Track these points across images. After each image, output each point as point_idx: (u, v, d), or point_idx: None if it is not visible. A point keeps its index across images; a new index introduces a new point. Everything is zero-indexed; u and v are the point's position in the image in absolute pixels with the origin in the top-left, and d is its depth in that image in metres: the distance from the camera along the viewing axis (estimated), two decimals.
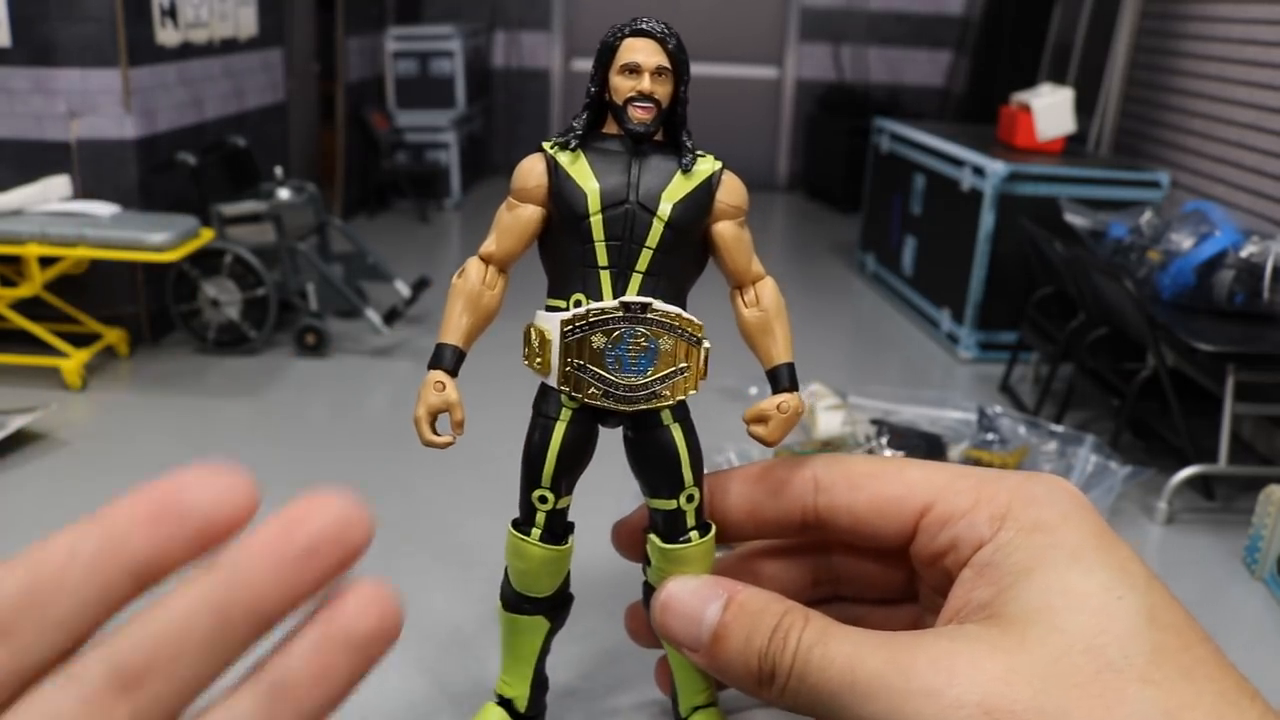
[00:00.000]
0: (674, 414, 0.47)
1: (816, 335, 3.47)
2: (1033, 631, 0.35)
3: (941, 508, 0.42)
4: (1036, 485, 0.41)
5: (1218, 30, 3.21)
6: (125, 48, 2.86)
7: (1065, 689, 0.34)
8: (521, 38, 6.04)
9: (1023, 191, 3.13)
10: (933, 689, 0.35)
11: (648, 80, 0.43)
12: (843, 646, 0.37)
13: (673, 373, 0.44)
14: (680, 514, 0.47)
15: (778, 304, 0.47)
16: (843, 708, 0.37)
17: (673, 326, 0.44)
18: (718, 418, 0.48)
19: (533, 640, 0.48)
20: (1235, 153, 3.06)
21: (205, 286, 2.95)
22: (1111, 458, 2.28)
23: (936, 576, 0.43)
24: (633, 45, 0.43)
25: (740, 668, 0.39)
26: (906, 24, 5.96)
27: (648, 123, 0.43)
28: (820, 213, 5.64)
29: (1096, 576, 0.37)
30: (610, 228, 0.43)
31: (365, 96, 5.02)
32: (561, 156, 0.44)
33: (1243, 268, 2.30)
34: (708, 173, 0.44)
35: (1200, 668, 0.34)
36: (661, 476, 0.47)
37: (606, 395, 0.43)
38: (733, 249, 0.46)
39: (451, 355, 0.45)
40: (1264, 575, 1.95)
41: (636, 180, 0.43)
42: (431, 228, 4.85)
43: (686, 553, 0.47)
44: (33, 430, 2.34)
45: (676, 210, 0.43)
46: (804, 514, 0.45)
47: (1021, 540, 0.39)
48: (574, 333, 0.43)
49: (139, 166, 2.97)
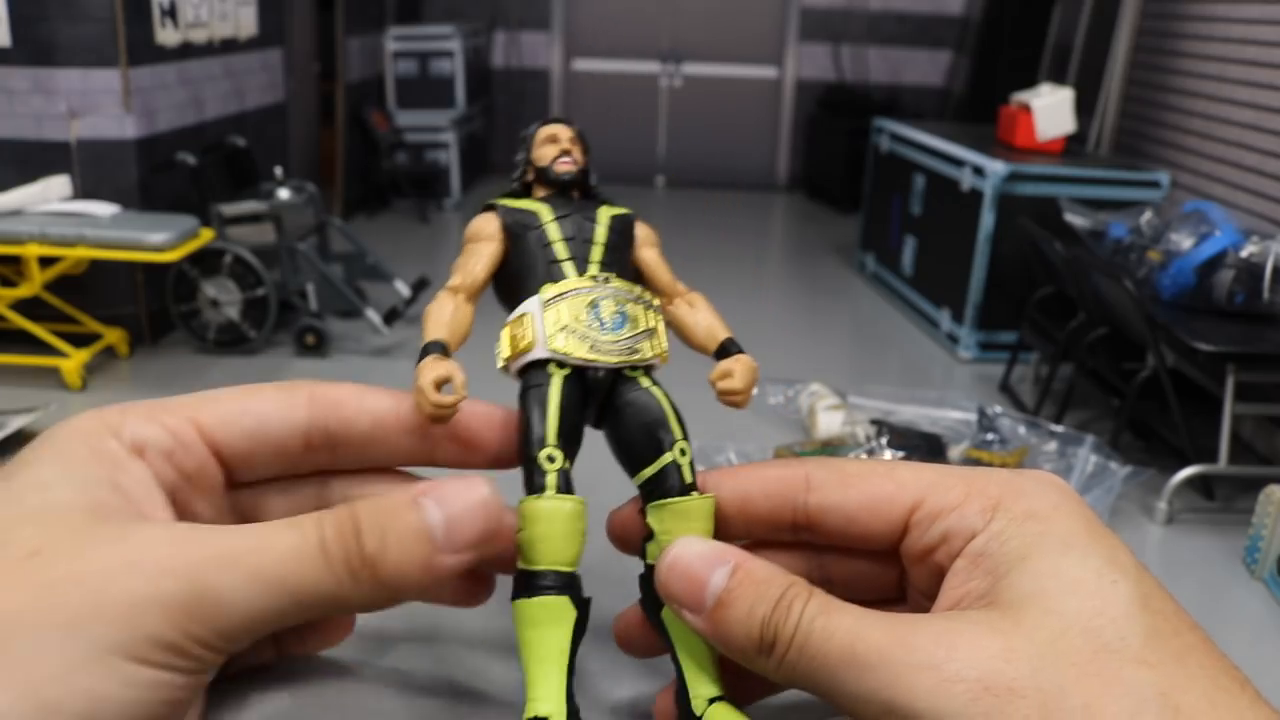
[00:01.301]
0: (650, 379, 0.48)
1: (816, 335, 3.47)
2: (1029, 614, 0.36)
3: (932, 503, 0.42)
4: (1025, 479, 0.42)
5: (1218, 30, 3.21)
6: (125, 48, 2.86)
7: (1063, 667, 0.34)
8: (521, 38, 6.04)
9: (1023, 191, 3.13)
10: (933, 662, 0.35)
11: (566, 143, 0.49)
12: (845, 620, 0.38)
13: (644, 332, 0.46)
14: (676, 468, 0.47)
15: (710, 304, 0.50)
16: (841, 680, 0.37)
17: (635, 296, 0.46)
18: (720, 421, 0.48)
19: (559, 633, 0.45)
20: (1235, 153, 3.06)
21: (205, 286, 2.95)
22: (1111, 458, 2.28)
23: (927, 575, 0.43)
24: (550, 128, 0.50)
25: (742, 635, 0.40)
26: (906, 24, 5.96)
27: (572, 172, 0.49)
28: (820, 213, 5.64)
29: (1090, 563, 0.37)
30: (564, 227, 0.47)
31: (365, 96, 5.03)
32: (506, 200, 0.48)
33: (1243, 268, 2.30)
34: (625, 209, 0.49)
35: (1192, 653, 0.35)
36: (651, 432, 0.47)
37: (594, 348, 0.45)
38: (657, 267, 0.50)
39: (440, 346, 0.46)
40: (1264, 575, 1.95)
41: (574, 208, 0.48)
42: (431, 228, 4.85)
43: (689, 506, 0.47)
44: (33, 430, 2.33)
45: (613, 220, 0.48)
46: (795, 513, 0.46)
47: (1014, 529, 0.39)
48: (555, 301, 0.46)
49: (139, 166, 2.97)
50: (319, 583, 0.37)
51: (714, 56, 6.12)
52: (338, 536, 0.37)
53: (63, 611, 0.32)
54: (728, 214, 5.51)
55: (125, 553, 0.34)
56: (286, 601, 0.36)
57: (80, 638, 0.32)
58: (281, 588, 0.36)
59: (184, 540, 0.36)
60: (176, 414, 0.42)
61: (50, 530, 0.35)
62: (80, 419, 0.40)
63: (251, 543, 0.36)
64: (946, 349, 3.34)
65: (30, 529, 0.35)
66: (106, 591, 0.33)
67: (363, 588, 0.38)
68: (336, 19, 4.65)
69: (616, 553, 0.57)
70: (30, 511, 0.36)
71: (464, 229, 0.48)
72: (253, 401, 0.44)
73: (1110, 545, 0.39)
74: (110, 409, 0.41)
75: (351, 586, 0.37)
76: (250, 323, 2.98)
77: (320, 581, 0.37)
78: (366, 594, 0.38)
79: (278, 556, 0.36)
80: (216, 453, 0.43)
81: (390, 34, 5.13)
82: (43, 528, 0.35)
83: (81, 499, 0.36)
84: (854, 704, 0.38)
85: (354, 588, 0.37)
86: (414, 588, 0.40)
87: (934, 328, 3.47)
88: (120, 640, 0.33)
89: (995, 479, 0.43)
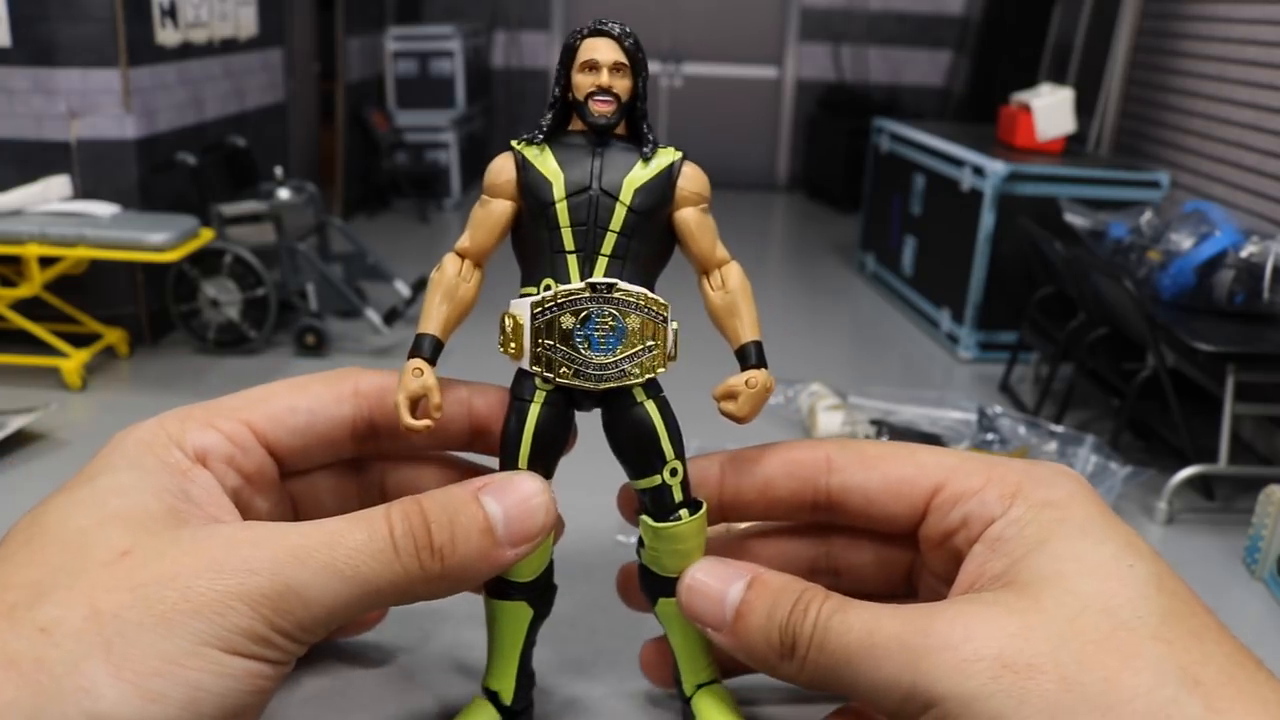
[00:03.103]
0: (646, 391, 0.47)
1: (816, 335, 3.47)
2: (1047, 594, 0.36)
3: (953, 487, 0.43)
4: (1043, 469, 0.43)
5: (1218, 30, 3.21)
6: (125, 48, 2.86)
7: (1081, 644, 0.35)
8: (521, 38, 6.04)
9: (1023, 191, 3.13)
10: (950, 644, 0.36)
11: (606, 75, 0.44)
12: (860, 613, 0.39)
13: (640, 351, 0.45)
14: (666, 489, 0.47)
15: (744, 286, 0.48)
16: (862, 671, 0.38)
17: (639, 305, 0.45)
18: (719, 420, 0.48)
19: (517, 629, 0.50)
20: (1235, 153, 3.06)
21: (205, 286, 2.95)
22: (1111, 458, 2.28)
23: (944, 560, 0.43)
24: (592, 44, 0.45)
25: (762, 642, 0.41)
26: (906, 24, 5.96)
27: (608, 115, 0.45)
28: (820, 213, 5.64)
29: (1107, 547, 0.38)
30: (575, 213, 0.45)
31: (365, 96, 5.03)
32: (529, 151, 0.46)
33: (1243, 268, 2.30)
34: (668, 162, 0.46)
35: (1208, 632, 0.35)
36: (641, 453, 0.47)
37: (577, 375, 0.44)
38: (697, 234, 0.47)
39: (430, 344, 0.46)
40: (1264, 575, 1.95)
41: (599, 170, 0.45)
42: (431, 228, 4.85)
43: (678, 530, 0.48)
44: (33, 430, 2.34)
45: (638, 196, 0.45)
46: (815, 494, 0.46)
47: (1032, 515, 0.40)
48: (544, 314, 0.44)
49: (139, 166, 2.97)
50: (390, 574, 0.39)
51: (714, 56, 6.12)
52: (407, 530, 0.39)
53: (159, 608, 0.34)
54: (728, 214, 5.50)
55: (208, 553, 0.36)
56: (360, 593, 0.38)
57: (178, 633, 0.34)
58: (355, 580, 0.38)
59: (261, 540, 0.37)
60: (231, 418, 0.45)
61: (136, 533, 0.37)
62: (142, 430, 0.43)
63: (325, 539, 0.38)
64: (946, 349, 3.35)
65: (117, 530, 0.37)
66: (195, 589, 0.35)
67: (430, 578, 0.40)
68: (336, 19, 4.65)
69: (607, 545, 0.58)
70: (114, 514, 0.37)
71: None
72: (301, 399, 0.46)
73: (1125, 532, 0.40)
74: (169, 417, 0.44)
75: (420, 577, 0.39)
76: (250, 323, 2.98)
77: (391, 573, 0.39)
78: (432, 585, 0.40)
79: (350, 551, 0.38)
80: (270, 450, 0.46)
81: (390, 34, 5.13)
82: (128, 530, 0.37)
83: (159, 504, 0.38)
84: (876, 693, 0.38)
85: (422, 578, 0.39)
86: (476, 579, 0.42)
87: (934, 328, 3.47)
88: (213, 633, 0.35)
89: (1015, 467, 0.43)
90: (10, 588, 0.34)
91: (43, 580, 0.35)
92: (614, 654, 0.55)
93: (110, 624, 0.33)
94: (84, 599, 0.34)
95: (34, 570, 0.35)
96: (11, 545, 0.37)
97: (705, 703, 0.49)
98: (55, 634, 0.33)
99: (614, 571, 0.53)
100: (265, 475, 0.45)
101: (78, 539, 0.36)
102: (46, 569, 0.35)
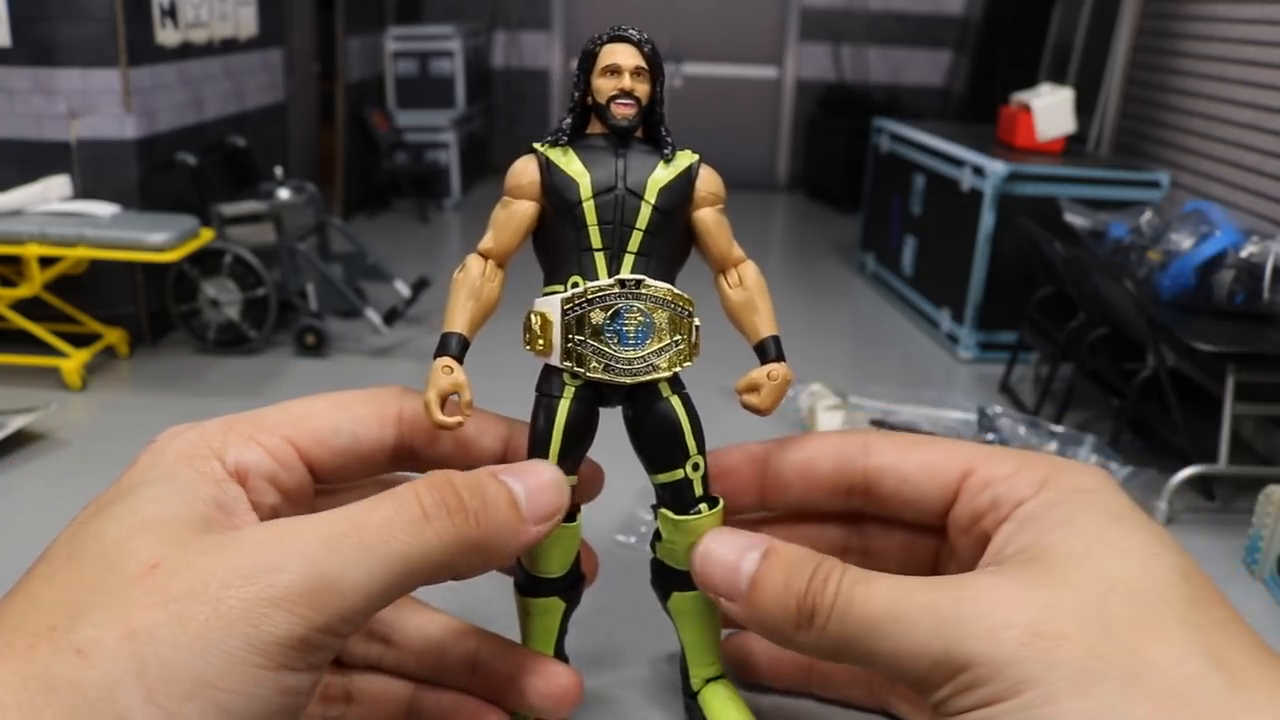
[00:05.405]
0: (671, 387, 0.48)
1: (816, 335, 3.47)
2: (1076, 572, 0.37)
3: (984, 471, 0.44)
4: (1071, 462, 0.45)
5: (1218, 30, 3.21)
6: (125, 48, 2.86)
7: (1109, 620, 0.35)
8: (521, 38, 6.04)
9: (1023, 191, 3.13)
10: (981, 612, 0.36)
11: (628, 79, 0.45)
12: (884, 584, 0.39)
13: (667, 345, 0.46)
14: (688, 483, 0.48)
15: (760, 283, 0.49)
16: (886, 640, 0.38)
17: (665, 301, 0.46)
18: (720, 421, 0.48)
19: (549, 622, 0.51)
20: (1235, 153, 3.06)
21: (205, 286, 2.95)
22: (1111, 458, 2.28)
23: (971, 545, 0.44)
24: (613, 49, 0.46)
25: (779, 611, 0.41)
26: (906, 24, 5.96)
27: (630, 118, 0.46)
28: (820, 213, 5.64)
29: (1136, 535, 0.39)
30: (602, 212, 0.45)
31: (365, 96, 5.02)
32: (552, 153, 0.46)
33: (1243, 268, 2.30)
34: (687, 164, 0.47)
35: (1232, 623, 0.36)
36: (665, 447, 0.48)
37: (607, 369, 0.45)
38: (715, 232, 0.48)
39: (457, 342, 0.46)
40: (1264, 575, 1.95)
41: (623, 170, 0.46)
42: (431, 228, 4.85)
43: (699, 524, 0.48)
44: (33, 430, 2.34)
45: (662, 195, 0.46)
46: (852, 476, 0.47)
47: (1063, 498, 0.41)
48: (574, 310, 0.45)
49: (139, 166, 2.97)
50: (423, 546, 0.39)
51: (714, 56, 6.12)
52: (438, 500, 0.40)
53: (192, 625, 0.34)
54: (728, 214, 5.50)
55: (234, 558, 0.36)
56: (395, 572, 0.38)
57: (212, 652, 0.34)
58: (388, 557, 0.38)
59: (286, 535, 0.37)
60: (275, 434, 0.45)
61: (165, 543, 0.37)
62: (183, 441, 0.43)
63: (351, 521, 0.38)
64: (946, 349, 3.35)
65: (145, 541, 0.37)
66: (226, 602, 0.35)
67: (465, 546, 0.40)
68: (336, 19, 4.65)
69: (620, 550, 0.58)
70: (143, 523, 0.38)
71: (465, 227, 0.48)
72: (346, 420, 0.47)
73: (1153, 525, 0.41)
74: (212, 427, 0.44)
75: (456, 546, 0.40)
76: (250, 323, 2.98)
77: (424, 544, 0.39)
78: (468, 554, 0.40)
79: (378, 527, 0.38)
80: (310, 468, 0.46)
81: (390, 34, 5.13)
82: (157, 541, 0.37)
83: (189, 512, 0.39)
84: (900, 661, 0.39)
85: (458, 547, 0.40)
86: (504, 554, 0.43)
87: (934, 328, 3.47)
88: (248, 648, 0.34)
89: (1044, 458, 0.44)
90: (51, 607, 0.35)
91: (80, 600, 0.35)
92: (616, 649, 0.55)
93: (144, 644, 0.33)
94: (120, 618, 0.34)
95: (72, 590, 0.35)
96: (54, 564, 0.37)
97: (713, 697, 0.50)
98: (91, 656, 0.33)
99: (614, 570, 0.54)
100: (303, 492, 0.46)
101: (111, 552, 0.36)
102: (84, 588, 0.35)
